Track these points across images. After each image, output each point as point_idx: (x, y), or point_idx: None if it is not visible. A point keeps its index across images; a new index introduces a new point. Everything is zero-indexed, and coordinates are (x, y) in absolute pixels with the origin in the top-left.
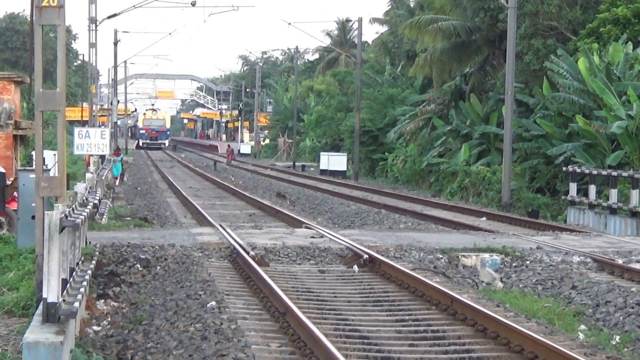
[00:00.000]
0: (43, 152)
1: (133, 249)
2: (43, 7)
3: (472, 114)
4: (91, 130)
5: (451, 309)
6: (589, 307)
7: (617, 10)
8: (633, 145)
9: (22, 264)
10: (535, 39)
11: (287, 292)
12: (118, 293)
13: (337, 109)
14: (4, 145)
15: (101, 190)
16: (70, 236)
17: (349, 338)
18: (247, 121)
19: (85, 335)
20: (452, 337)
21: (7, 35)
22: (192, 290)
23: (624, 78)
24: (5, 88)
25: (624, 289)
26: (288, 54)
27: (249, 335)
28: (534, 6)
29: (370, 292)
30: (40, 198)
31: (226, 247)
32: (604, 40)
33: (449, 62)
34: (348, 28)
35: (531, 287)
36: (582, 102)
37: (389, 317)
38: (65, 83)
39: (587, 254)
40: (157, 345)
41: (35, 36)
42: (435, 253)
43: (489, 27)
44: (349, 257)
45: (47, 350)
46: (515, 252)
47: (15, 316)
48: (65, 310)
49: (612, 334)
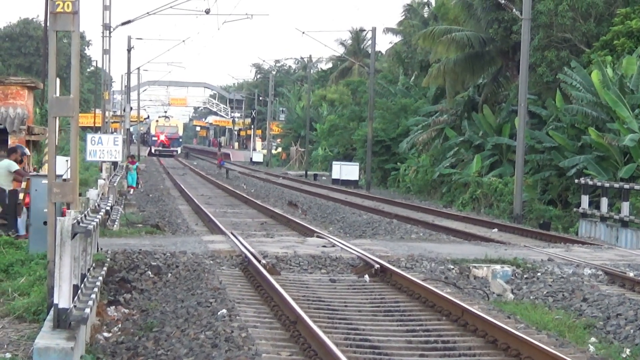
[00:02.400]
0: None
1: (144, 255)
2: (57, 13)
3: (484, 125)
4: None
5: (462, 320)
6: (600, 319)
7: (631, 23)
8: None
9: (34, 269)
10: (548, 50)
11: (298, 301)
12: (129, 300)
13: (350, 119)
14: None
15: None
16: (82, 242)
17: (360, 347)
18: (259, 129)
19: (95, 342)
20: (462, 348)
21: (20, 41)
22: (203, 297)
23: (637, 91)
24: (18, 93)
25: (635, 302)
26: (301, 63)
27: (259, 344)
28: (548, 18)
29: (381, 302)
30: (53, 204)
31: (237, 255)
32: (617, 53)
33: (462, 73)
34: (362, 38)
35: (542, 299)
36: (595, 114)
37: (399, 327)
38: (79, 89)
39: (598, 266)
40: (167, 353)
41: (49, 42)
42: (447, 264)
43: (502, 38)
44: (360, 266)
45: (58, 356)
46: (527, 264)
47: (26, 321)
48: (76, 316)
49: (622, 347)
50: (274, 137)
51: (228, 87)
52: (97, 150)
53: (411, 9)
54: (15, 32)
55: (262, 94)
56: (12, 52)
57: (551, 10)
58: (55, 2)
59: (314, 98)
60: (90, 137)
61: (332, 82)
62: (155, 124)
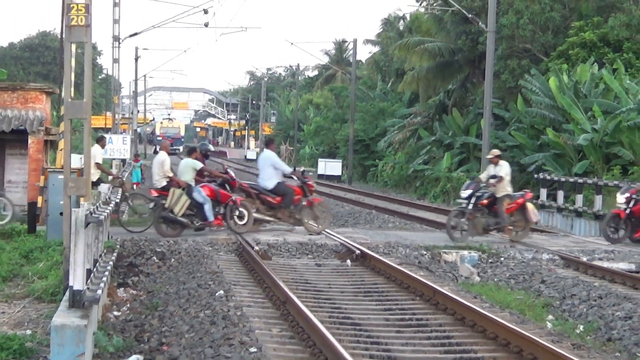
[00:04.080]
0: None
1: (150, 243)
2: (72, 26)
3: (454, 126)
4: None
5: (433, 300)
6: (556, 299)
7: (584, 35)
8: (597, 155)
9: (51, 255)
10: (511, 59)
11: (287, 283)
12: (136, 282)
13: (334, 120)
14: (36, 149)
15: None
16: (94, 231)
17: (342, 324)
18: (253, 130)
19: (106, 320)
20: (434, 325)
21: (39, 51)
22: (202, 280)
23: (590, 95)
24: (37, 98)
25: (588, 283)
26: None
27: (253, 321)
28: (510, 30)
29: (361, 283)
30: (68, 197)
31: (233, 243)
32: (572, 61)
33: (433, 80)
34: (344, 48)
35: (505, 281)
36: (552, 116)
37: (378, 306)
38: (91, 94)
39: (555, 252)
40: (170, 329)
41: (65, 52)
42: (420, 250)
43: (470, 48)
44: (342, 252)
45: (73, 333)
46: (491, 250)
47: (45, 302)
48: (89, 297)
49: (576, 324)
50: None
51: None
52: (108, 149)
53: (388, 22)
54: (34, 43)
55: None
56: (31, 61)
57: (513, 23)
58: (70, 17)
59: (301, 102)
60: None
61: (318, 87)
62: (160, 125)
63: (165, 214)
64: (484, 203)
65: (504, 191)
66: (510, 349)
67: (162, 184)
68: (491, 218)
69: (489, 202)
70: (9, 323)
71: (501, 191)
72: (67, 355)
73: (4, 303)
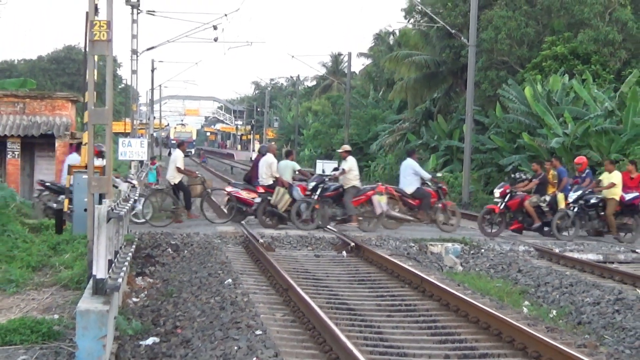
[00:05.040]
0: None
1: (165, 236)
2: (95, 40)
3: (439, 130)
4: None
5: (421, 287)
6: (532, 287)
7: (556, 48)
8: (568, 157)
9: (76, 247)
10: (490, 71)
11: (289, 272)
12: (153, 271)
13: (330, 126)
14: (62, 152)
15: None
16: (115, 225)
17: (339, 309)
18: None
19: (126, 305)
20: (421, 310)
21: (65, 63)
22: (212, 269)
23: (562, 103)
24: (63, 105)
25: (560, 272)
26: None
27: (258, 307)
28: (489, 44)
29: (356, 272)
30: (92, 194)
31: (240, 236)
32: (545, 72)
33: (420, 89)
34: (339, 60)
35: (485, 271)
36: (527, 122)
37: (371, 293)
38: (112, 102)
39: (530, 244)
40: (184, 314)
41: (88, 64)
42: (409, 242)
43: (453, 61)
44: (339, 244)
45: (96, 317)
46: (473, 242)
47: (70, 289)
48: (110, 285)
49: (550, 309)
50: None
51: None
52: (127, 151)
53: (379, 37)
54: (60, 56)
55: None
56: (58, 72)
57: (492, 38)
58: (93, 32)
59: (301, 109)
60: (121, 141)
61: (316, 96)
62: (174, 130)
63: (270, 208)
64: (330, 194)
65: (350, 183)
66: (490, 331)
67: (268, 182)
68: (339, 209)
69: (336, 194)
70: (39, 308)
71: (347, 183)
72: (91, 338)
73: (34, 290)
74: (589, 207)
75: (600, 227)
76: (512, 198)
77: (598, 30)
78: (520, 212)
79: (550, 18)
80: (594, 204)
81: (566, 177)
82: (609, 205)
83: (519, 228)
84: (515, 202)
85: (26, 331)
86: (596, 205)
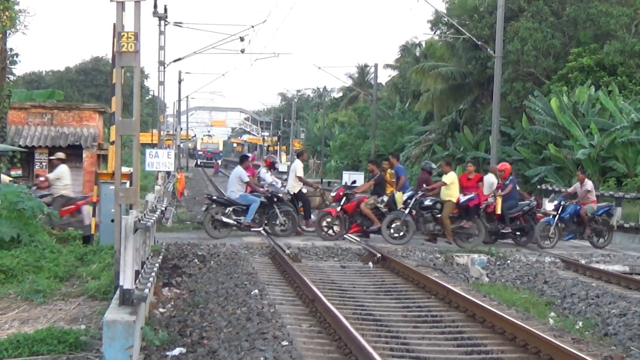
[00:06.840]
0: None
1: (192, 247)
2: (122, 52)
3: (465, 142)
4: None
5: (447, 298)
6: (558, 298)
7: (582, 60)
8: (594, 168)
9: (103, 258)
10: (516, 82)
11: (315, 283)
12: (180, 282)
13: (357, 137)
14: (89, 162)
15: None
16: (142, 236)
17: (365, 320)
18: (284, 145)
19: (153, 316)
20: (447, 321)
21: (92, 74)
22: (239, 280)
23: (588, 115)
24: (91, 117)
25: (586, 284)
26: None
27: (284, 317)
28: (515, 56)
29: (382, 283)
30: (119, 205)
31: (267, 247)
32: (571, 84)
33: (447, 100)
34: (366, 72)
35: (511, 282)
36: (553, 133)
37: (397, 304)
38: (139, 113)
39: (556, 255)
40: (210, 325)
41: (116, 75)
42: (435, 253)
43: (479, 72)
44: (365, 255)
45: (123, 328)
46: (499, 254)
47: (97, 300)
48: (137, 295)
49: (576, 320)
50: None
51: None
52: (154, 162)
53: (406, 49)
54: (88, 68)
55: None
56: (85, 83)
57: (518, 49)
58: (120, 44)
59: (327, 120)
60: (148, 152)
61: (342, 107)
62: (201, 141)
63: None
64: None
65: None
66: (516, 342)
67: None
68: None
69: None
70: (66, 319)
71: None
72: (118, 348)
73: (61, 301)
74: (423, 209)
75: (437, 230)
76: (348, 201)
77: (624, 42)
78: (358, 214)
79: (576, 29)
80: (428, 206)
81: (404, 176)
82: (445, 207)
83: (358, 231)
84: (351, 205)
85: (53, 341)
86: (431, 208)
